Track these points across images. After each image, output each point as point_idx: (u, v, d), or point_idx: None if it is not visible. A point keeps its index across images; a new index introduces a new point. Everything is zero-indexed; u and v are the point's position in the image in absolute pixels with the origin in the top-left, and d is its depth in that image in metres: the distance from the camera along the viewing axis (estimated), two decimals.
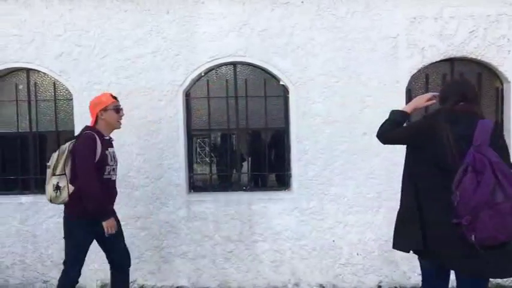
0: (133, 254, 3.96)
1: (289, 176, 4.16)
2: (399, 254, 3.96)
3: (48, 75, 4.16)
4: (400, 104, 3.90)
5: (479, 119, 2.14)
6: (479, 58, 3.92)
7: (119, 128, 3.13)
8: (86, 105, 3.90)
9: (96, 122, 3.00)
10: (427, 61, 3.93)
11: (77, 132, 4.00)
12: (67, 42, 4.04)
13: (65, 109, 4.25)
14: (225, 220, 4.05)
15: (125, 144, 4.01)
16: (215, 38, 3.97)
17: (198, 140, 4.29)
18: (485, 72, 4.07)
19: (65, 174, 2.84)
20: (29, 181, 4.31)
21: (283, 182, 4.26)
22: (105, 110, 2.97)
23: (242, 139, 4.35)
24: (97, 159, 2.87)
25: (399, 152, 3.80)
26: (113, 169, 3.09)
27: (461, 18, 3.88)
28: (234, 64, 4.14)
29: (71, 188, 2.84)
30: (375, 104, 3.91)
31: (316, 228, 4.01)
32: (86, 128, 3.02)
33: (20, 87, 4.26)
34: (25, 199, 4.15)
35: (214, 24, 3.97)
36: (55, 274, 4.11)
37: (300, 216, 4.02)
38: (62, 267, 4.00)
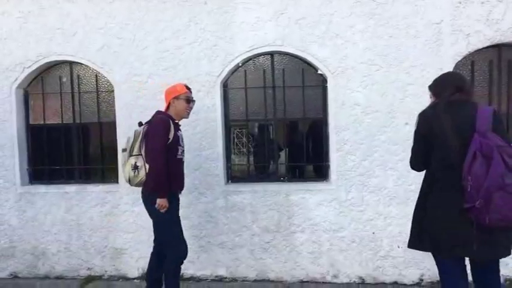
0: None
1: (327, 167, 4.37)
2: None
3: (90, 67, 4.55)
4: None
5: (478, 107, 2.37)
6: None
7: (187, 117, 3.58)
8: (126, 97, 4.32)
9: (168, 108, 3.47)
10: (473, 47, 4.02)
11: (118, 123, 4.37)
12: (108, 35, 4.40)
13: (106, 100, 4.63)
14: (263, 211, 4.31)
15: None
16: (252, 28, 4.22)
17: (236, 131, 4.51)
18: None
19: (141, 154, 3.28)
20: (73, 171, 4.74)
21: (321, 172, 4.48)
22: (177, 98, 3.43)
23: (280, 129, 4.56)
24: (171, 140, 3.30)
25: None
26: (183, 150, 3.53)
27: (509, 2, 3.94)
28: (271, 54, 4.36)
29: (148, 167, 3.25)
30: (417, 92, 4.04)
31: (355, 220, 4.20)
32: (159, 112, 3.47)
33: (64, 79, 4.68)
34: (69, 188, 4.58)
35: (251, 14, 4.21)
36: (98, 261, 4.54)
37: (339, 207, 4.22)
38: (104, 254, 4.48)
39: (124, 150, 3.41)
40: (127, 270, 4.51)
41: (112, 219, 4.49)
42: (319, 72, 4.25)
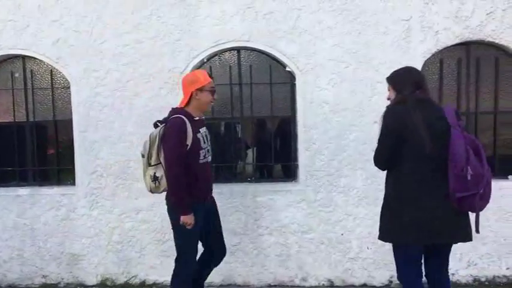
0: (134, 248, 4.24)
1: (296, 167, 4.34)
2: None
3: (44, 62, 4.37)
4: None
5: (440, 106, 2.66)
6: (497, 41, 4.05)
7: (208, 110, 3.11)
8: (83, 93, 4.17)
9: (188, 101, 2.99)
10: (442, 45, 4.07)
11: (75, 121, 4.23)
12: (63, 28, 4.24)
13: (62, 97, 4.47)
14: (229, 212, 4.24)
15: (125, 133, 4.23)
16: (218, 22, 4.14)
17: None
18: (503, 56, 4.20)
19: (160, 163, 2.92)
20: (26, 173, 4.55)
21: (289, 172, 4.46)
22: (201, 90, 2.96)
23: (247, 128, 4.51)
24: (189, 146, 2.91)
25: None
26: (208, 150, 3.13)
27: None
28: (237, 50, 4.29)
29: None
30: (386, 91, 3.89)
31: (324, 221, 4.20)
32: (175, 110, 3.04)
33: (16, 75, 4.49)
34: (22, 191, 4.40)
35: (216, 8, 4.13)
36: (54, 268, 4.39)
37: (308, 208, 4.20)
38: (60, 260, 4.32)
39: (142, 156, 3.04)
40: (85, 278, 4.36)
41: (68, 223, 4.34)
42: (287, 69, 4.21)
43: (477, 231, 2.52)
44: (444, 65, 4.23)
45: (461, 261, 4.17)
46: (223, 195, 4.22)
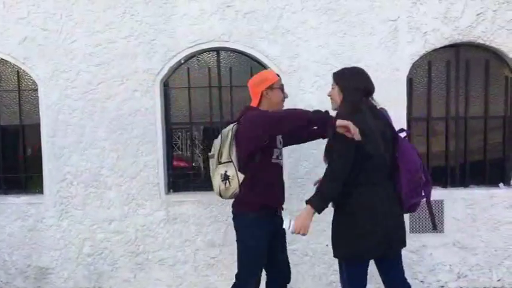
0: (106, 261, 4.08)
1: None
2: None
3: (10, 63, 4.18)
4: (401, 95, 3.97)
5: (382, 112, 2.61)
6: (487, 43, 3.97)
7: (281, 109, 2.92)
8: (52, 96, 3.99)
9: (260, 101, 2.84)
10: (430, 47, 3.98)
11: (43, 125, 4.06)
12: (31, 26, 4.05)
13: (29, 100, 4.27)
14: (208, 222, 4.09)
15: (96, 139, 4.06)
16: (196, 21, 3.99)
17: (178, 134, 4.27)
18: (494, 59, 4.13)
19: (231, 161, 2.73)
20: None
21: None
22: (271, 88, 2.82)
23: None
24: (267, 142, 2.76)
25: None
26: (281, 153, 2.95)
27: None
28: (217, 50, 4.17)
29: (241, 176, 2.71)
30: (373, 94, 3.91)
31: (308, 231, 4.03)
32: (249, 108, 2.87)
33: None
34: None
35: (194, 6, 3.98)
36: (20, 283, 4.21)
37: (291, 218, 4.03)
38: (27, 274, 4.14)
39: (211, 156, 2.84)
40: None
41: (36, 234, 4.15)
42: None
43: (435, 227, 2.72)
44: (433, 67, 4.14)
45: (451, 273, 4.07)
46: (202, 204, 4.10)
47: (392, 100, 3.93)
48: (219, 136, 2.83)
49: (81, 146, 4.07)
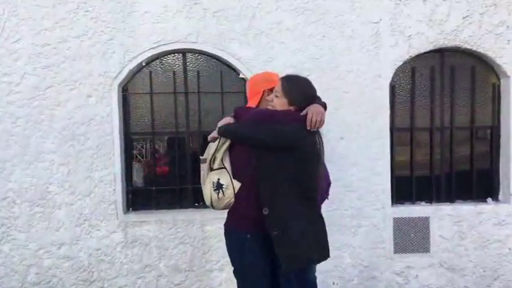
0: None
1: None
2: (383, 282, 3.82)
3: None
4: (383, 103, 3.81)
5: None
6: (474, 48, 3.85)
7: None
8: None
9: (259, 102, 2.58)
10: (414, 51, 3.84)
11: None
12: None
13: None
14: (172, 245, 3.81)
15: (44, 151, 3.72)
16: (159, 20, 3.72)
17: (138, 146, 3.97)
18: (480, 65, 4.02)
19: (224, 167, 2.44)
20: None
21: None
22: (272, 90, 2.54)
23: (194, 144, 4.05)
24: None
25: (380, 160, 3.82)
26: None
27: (453, 1, 3.79)
28: (183, 52, 3.92)
29: (237, 184, 2.41)
30: (353, 102, 3.80)
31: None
32: (246, 107, 2.63)
33: None
34: None
35: (157, 2, 3.72)
36: None
37: None
38: None
39: (203, 161, 2.53)
40: None
41: None
42: (241, 75, 3.85)
43: None
44: (416, 73, 3.98)
45: None
46: (165, 224, 3.81)
47: (374, 109, 3.81)
48: (217, 140, 2.48)
49: (26, 159, 3.69)
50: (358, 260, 3.86)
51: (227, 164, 2.45)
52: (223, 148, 2.43)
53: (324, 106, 2.45)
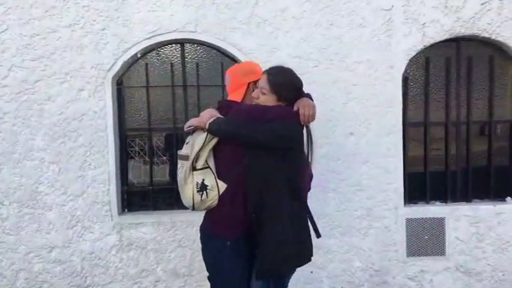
0: None
1: None
2: (395, 287, 3.66)
3: None
4: (396, 97, 3.66)
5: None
6: (492, 37, 3.66)
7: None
8: None
9: (245, 96, 2.40)
10: (429, 40, 3.65)
11: None
12: None
13: None
14: (171, 248, 3.67)
15: (33, 148, 3.57)
16: (155, 8, 3.56)
17: (135, 142, 3.88)
18: (499, 55, 3.83)
19: (208, 167, 2.29)
20: None
21: None
22: (255, 84, 2.37)
23: None
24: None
25: (392, 157, 3.65)
26: None
27: None
28: (181, 43, 3.77)
29: (222, 185, 2.26)
30: (363, 95, 3.65)
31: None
32: (232, 103, 2.40)
33: None
34: None
35: None
36: None
37: None
38: None
39: (183, 157, 2.30)
40: None
41: None
42: None
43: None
44: (431, 64, 3.80)
45: None
46: (163, 226, 3.67)
47: (385, 102, 3.65)
48: (205, 134, 2.26)
49: (14, 158, 3.55)
50: (368, 264, 3.70)
51: (211, 163, 2.29)
52: (210, 146, 2.25)
53: (310, 98, 2.36)
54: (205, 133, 2.22)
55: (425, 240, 3.70)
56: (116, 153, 3.67)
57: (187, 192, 2.28)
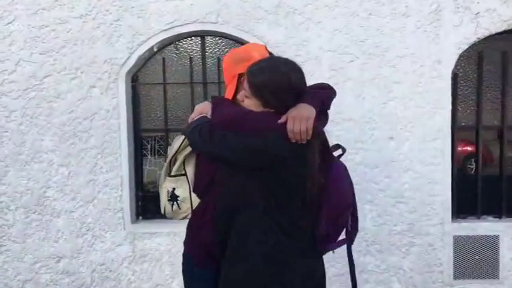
0: None
1: None
2: None
3: None
4: (444, 96, 3.40)
5: None
6: None
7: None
8: None
9: (236, 91, 2.06)
10: (484, 32, 3.39)
11: None
12: None
13: None
14: None
15: (41, 150, 3.51)
16: None
17: (151, 144, 3.81)
18: None
19: (185, 174, 2.04)
20: None
21: None
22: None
23: None
24: None
25: (439, 165, 3.34)
26: None
27: None
28: (201, 35, 3.67)
29: (196, 198, 2.00)
30: (406, 94, 3.43)
31: None
32: (223, 100, 2.10)
33: None
34: None
35: None
36: None
37: None
38: None
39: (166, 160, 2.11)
40: None
41: None
42: None
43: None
44: (485, 60, 3.53)
45: None
46: (180, 236, 3.43)
47: (432, 103, 3.39)
48: (177, 138, 2.03)
49: (21, 159, 3.48)
50: (409, 286, 3.44)
51: (189, 170, 1.97)
52: (188, 150, 1.93)
53: (324, 100, 1.80)
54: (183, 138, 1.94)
55: (476, 261, 3.43)
56: (130, 156, 3.57)
57: (161, 198, 2.04)
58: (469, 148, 3.97)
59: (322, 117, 1.71)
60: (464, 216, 3.53)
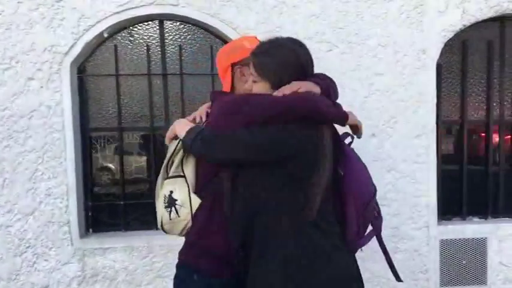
0: None
1: None
2: None
3: None
4: (428, 88, 3.31)
5: None
6: None
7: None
8: None
9: (232, 84, 2.03)
10: (470, 19, 3.33)
11: None
12: None
13: None
14: (147, 280, 3.29)
15: None
16: None
17: (101, 146, 3.53)
18: None
19: (183, 176, 1.90)
20: None
21: None
22: (245, 63, 1.94)
23: None
24: None
25: (423, 163, 3.22)
26: None
27: None
28: (159, 20, 3.45)
29: (196, 201, 1.83)
30: (388, 86, 3.32)
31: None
32: (220, 93, 2.06)
33: None
34: None
35: None
36: None
37: None
38: None
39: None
40: None
41: None
42: None
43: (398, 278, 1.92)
44: (470, 49, 3.46)
45: None
46: (138, 251, 3.26)
47: (415, 96, 3.30)
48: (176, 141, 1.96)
49: None
50: None
51: (188, 172, 1.87)
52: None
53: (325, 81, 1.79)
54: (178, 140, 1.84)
55: (463, 266, 3.36)
56: (77, 160, 3.30)
57: (158, 210, 1.88)
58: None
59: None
60: (448, 218, 3.43)
